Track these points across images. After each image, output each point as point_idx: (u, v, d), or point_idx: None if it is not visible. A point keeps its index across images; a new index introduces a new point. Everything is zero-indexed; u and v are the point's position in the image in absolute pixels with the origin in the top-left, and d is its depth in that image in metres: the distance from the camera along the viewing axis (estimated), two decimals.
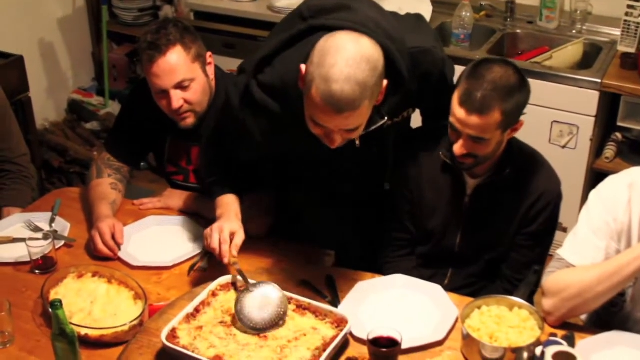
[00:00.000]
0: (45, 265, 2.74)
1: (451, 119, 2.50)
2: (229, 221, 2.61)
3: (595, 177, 4.19)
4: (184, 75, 2.83)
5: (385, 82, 2.30)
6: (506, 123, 2.46)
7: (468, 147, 2.50)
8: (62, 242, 2.89)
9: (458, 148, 2.51)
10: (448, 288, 2.61)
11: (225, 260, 2.53)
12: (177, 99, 2.84)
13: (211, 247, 2.56)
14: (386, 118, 2.47)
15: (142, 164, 4.42)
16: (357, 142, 2.49)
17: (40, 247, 2.72)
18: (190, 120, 2.92)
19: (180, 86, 2.84)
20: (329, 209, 2.92)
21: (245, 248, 2.67)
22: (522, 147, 2.71)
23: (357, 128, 2.31)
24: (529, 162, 2.69)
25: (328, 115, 2.23)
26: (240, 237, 2.57)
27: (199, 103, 2.92)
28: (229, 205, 2.70)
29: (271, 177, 2.94)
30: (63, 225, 2.98)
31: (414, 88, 2.52)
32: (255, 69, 2.49)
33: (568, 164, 4.05)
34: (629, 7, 4.09)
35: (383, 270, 2.74)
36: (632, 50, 4.13)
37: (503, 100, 2.40)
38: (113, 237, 2.81)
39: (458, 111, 2.45)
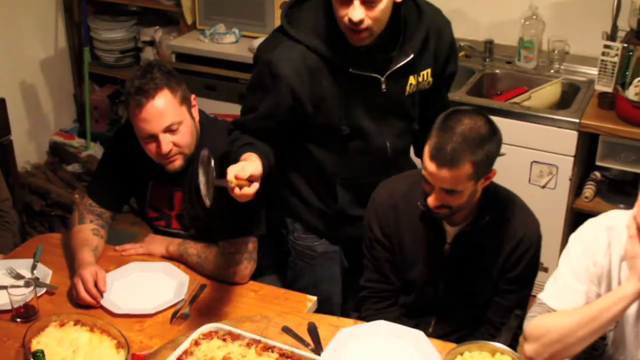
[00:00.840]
0: (26, 314, 2.72)
1: (423, 172, 2.52)
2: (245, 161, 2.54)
3: (575, 216, 4.22)
4: (173, 119, 2.84)
5: None
6: (478, 174, 2.48)
7: (441, 199, 2.52)
8: (44, 290, 2.87)
9: (432, 200, 2.53)
10: (433, 336, 2.60)
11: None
12: (167, 142, 2.84)
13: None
14: (412, 55, 2.72)
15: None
16: (383, 86, 2.72)
17: (21, 295, 2.70)
18: (178, 162, 2.92)
19: (169, 130, 2.84)
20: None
21: (226, 295, 2.67)
22: (498, 192, 2.72)
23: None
24: (507, 207, 2.70)
25: None
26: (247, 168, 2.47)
27: (188, 146, 2.92)
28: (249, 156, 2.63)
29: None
30: (45, 272, 2.97)
31: (432, 40, 2.80)
32: (286, 14, 2.69)
33: (548, 204, 4.09)
34: (606, 46, 4.13)
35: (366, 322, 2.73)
36: (609, 89, 4.18)
37: (473, 152, 2.42)
38: (96, 285, 2.80)
39: (429, 165, 2.46)
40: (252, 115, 2.77)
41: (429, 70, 2.84)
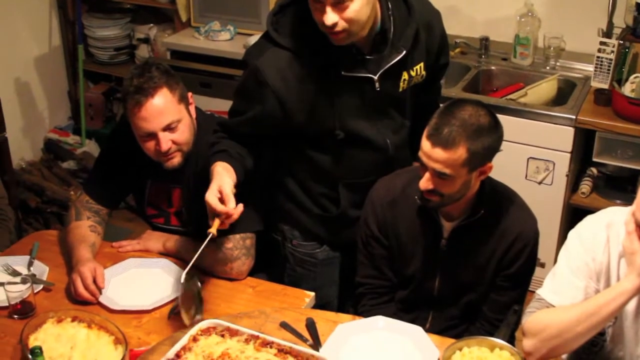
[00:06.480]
0: (23, 310, 2.72)
1: (419, 153, 2.51)
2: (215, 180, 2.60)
3: (572, 212, 4.23)
4: (172, 117, 2.83)
5: None
6: (472, 162, 2.46)
7: (433, 182, 2.50)
8: (41, 286, 2.86)
9: (423, 182, 2.52)
10: (430, 331, 2.60)
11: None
12: (166, 140, 2.84)
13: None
14: (405, 51, 2.69)
15: None
16: (377, 84, 2.68)
17: (18, 292, 2.69)
18: (177, 159, 2.92)
19: (169, 128, 2.84)
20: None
21: (224, 291, 2.66)
22: (495, 188, 2.70)
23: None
24: (503, 203, 2.69)
25: None
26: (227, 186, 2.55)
27: (187, 143, 2.92)
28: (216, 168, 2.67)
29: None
30: (41, 269, 2.96)
31: (423, 34, 2.77)
32: (271, 20, 2.67)
33: (545, 200, 4.10)
34: (601, 43, 4.14)
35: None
36: (605, 86, 4.18)
37: (469, 138, 2.41)
38: (94, 281, 2.79)
39: (424, 144, 2.46)
40: (237, 119, 2.77)
41: (421, 64, 2.81)
